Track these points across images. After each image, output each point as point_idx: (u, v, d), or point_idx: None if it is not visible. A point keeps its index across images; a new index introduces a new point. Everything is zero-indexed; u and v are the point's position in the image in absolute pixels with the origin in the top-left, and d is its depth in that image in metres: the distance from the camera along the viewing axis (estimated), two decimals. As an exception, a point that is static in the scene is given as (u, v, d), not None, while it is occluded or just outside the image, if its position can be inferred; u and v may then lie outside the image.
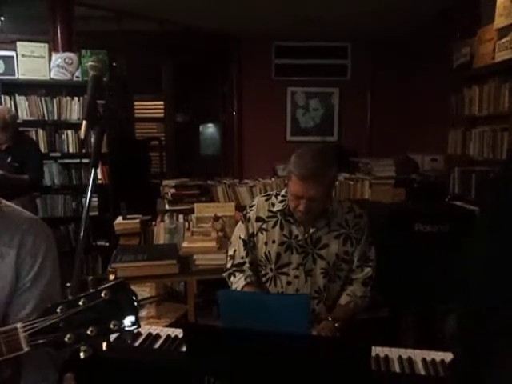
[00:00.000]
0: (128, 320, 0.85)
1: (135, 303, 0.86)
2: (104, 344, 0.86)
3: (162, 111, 6.45)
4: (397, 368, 1.39)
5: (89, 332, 0.83)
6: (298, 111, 6.21)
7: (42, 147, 4.23)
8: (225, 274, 1.89)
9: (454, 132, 4.36)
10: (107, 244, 4.30)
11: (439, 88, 4.81)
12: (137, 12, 4.82)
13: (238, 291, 1.78)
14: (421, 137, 5.44)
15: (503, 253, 0.74)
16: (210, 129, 7.23)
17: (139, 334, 1.58)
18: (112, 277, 0.89)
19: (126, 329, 0.85)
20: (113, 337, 1.57)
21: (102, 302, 0.84)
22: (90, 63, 1.13)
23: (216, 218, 2.76)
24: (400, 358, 1.44)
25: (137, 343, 1.53)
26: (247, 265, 1.83)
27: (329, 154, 1.74)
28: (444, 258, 2.19)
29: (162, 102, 6.43)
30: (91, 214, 4.27)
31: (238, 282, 1.81)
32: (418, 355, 1.45)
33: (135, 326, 0.86)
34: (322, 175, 1.64)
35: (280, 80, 6.07)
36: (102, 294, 0.84)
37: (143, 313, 2.57)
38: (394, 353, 1.47)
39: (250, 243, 1.85)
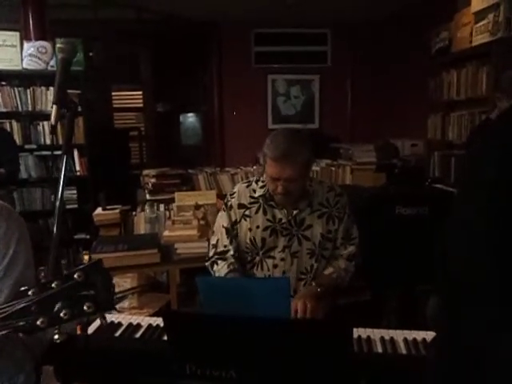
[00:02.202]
0: (103, 302, 0.82)
1: (110, 284, 0.84)
2: (78, 327, 0.83)
3: (141, 101, 6.34)
4: (379, 349, 1.40)
5: (62, 315, 0.80)
6: (278, 99, 6.18)
7: (17, 139, 4.11)
8: (207, 263, 1.88)
9: (434, 117, 4.39)
10: (88, 237, 4.23)
11: (419, 73, 4.83)
12: (113, -1, 4.70)
13: (217, 277, 1.77)
14: (401, 122, 5.47)
15: (463, 225, 0.75)
16: (190, 118, 7.15)
17: (120, 324, 1.55)
18: (86, 258, 0.86)
19: (101, 311, 0.82)
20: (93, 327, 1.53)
21: (76, 284, 0.81)
22: (58, 45, 1.10)
23: (197, 207, 2.74)
24: (382, 338, 1.44)
25: (117, 333, 1.51)
26: (231, 252, 1.82)
27: (301, 135, 1.74)
28: (424, 239, 2.21)
29: (140, 92, 6.32)
30: (71, 206, 4.20)
31: (220, 270, 1.80)
32: (399, 335, 1.46)
33: (110, 309, 0.83)
34: (294, 154, 1.65)
35: (260, 68, 6.02)
36: (76, 276, 0.81)
37: (126, 303, 2.55)
38: (376, 334, 1.47)
39: (233, 231, 1.83)
